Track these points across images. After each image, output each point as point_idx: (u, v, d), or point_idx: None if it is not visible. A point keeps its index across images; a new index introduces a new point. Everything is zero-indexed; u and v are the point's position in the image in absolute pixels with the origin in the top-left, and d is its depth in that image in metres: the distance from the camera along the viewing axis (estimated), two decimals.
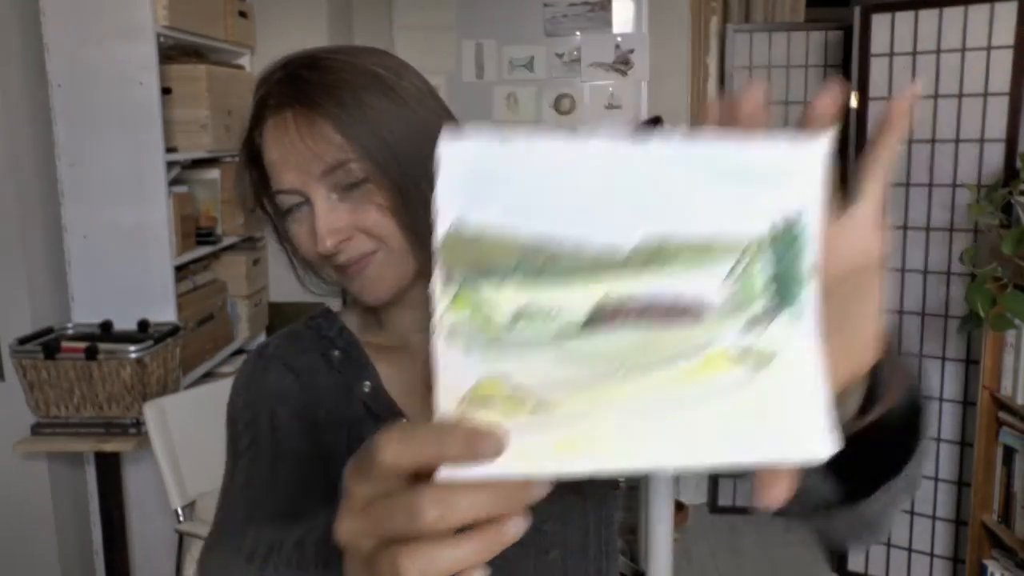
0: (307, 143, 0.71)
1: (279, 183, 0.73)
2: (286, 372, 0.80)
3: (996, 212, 2.25)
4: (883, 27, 2.58)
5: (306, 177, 0.71)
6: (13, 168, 2.12)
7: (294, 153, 0.71)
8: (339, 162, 0.71)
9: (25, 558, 2.27)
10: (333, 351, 0.81)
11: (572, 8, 3.21)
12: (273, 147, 0.73)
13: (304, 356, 0.81)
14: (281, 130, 0.72)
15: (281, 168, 0.72)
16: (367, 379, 0.79)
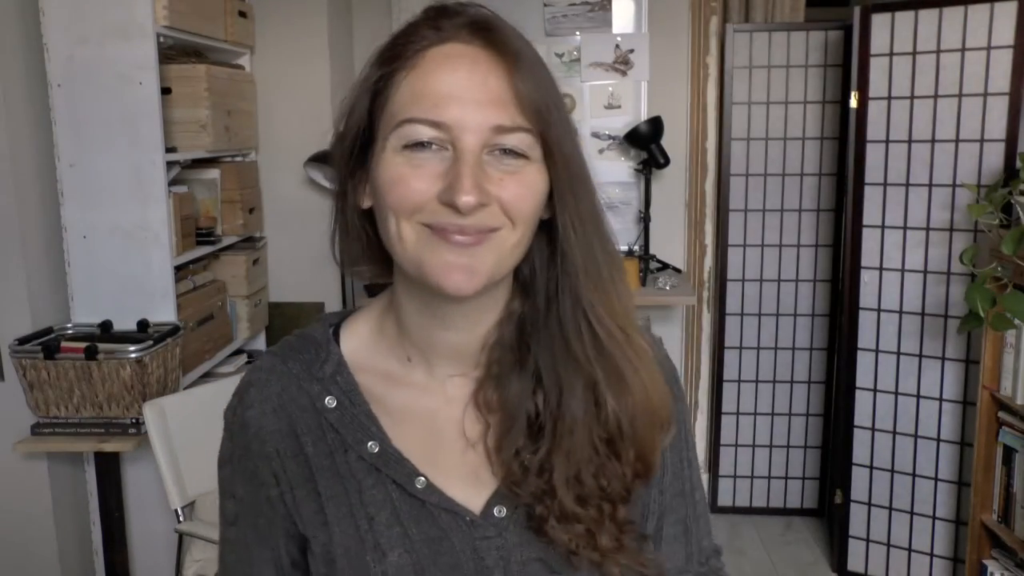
0: (494, 90, 0.64)
1: (430, 111, 0.63)
2: (273, 416, 0.73)
3: (996, 212, 2.25)
4: (883, 27, 2.58)
5: (472, 121, 0.63)
6: (13, 168, 2.12)
7: (472, 91, 0.63)
8: (517, 126, 0.64)
9: (25, 558, 2.27)
10: (326, 398, 0.72)
11: (572, 8, 3.21)
12: (443, 72, 0.64)
13: (292, 402, 0.73)
14: (467, 61, 0.64)
15: (444, 98, 0.63)
16: (370, 440, 0.71)
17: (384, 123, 0.66)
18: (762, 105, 3.09)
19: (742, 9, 3.16)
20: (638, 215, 3.22)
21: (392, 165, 0.65)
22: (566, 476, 0.68)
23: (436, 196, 0.63)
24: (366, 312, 0.77)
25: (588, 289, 0.69)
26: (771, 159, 3.11)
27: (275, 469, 0.72)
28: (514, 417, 0.70)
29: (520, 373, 0.71)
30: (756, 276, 3.18)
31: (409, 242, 0.65)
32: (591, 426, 0.69)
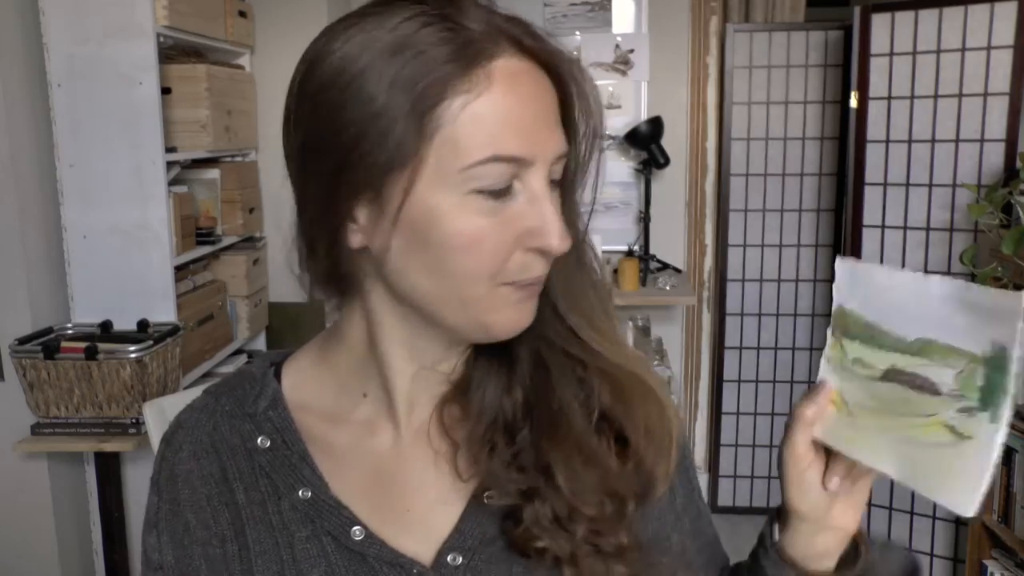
0: (554, 112, 0.57)
1: (515, 146, 0.54)
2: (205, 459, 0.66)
3: (996, 212, 2.25)
4: (883, 27, 2.58)
5: (549, 152, 0.56)
6: (13, 168, 2.12)
7: (541, 118, 0.56)
8: (565, 154, 0.58)
9: (25, 558, 2.27)
10: (258, 438, 0.65)
11: (572, 8, 3.21)
12: (514, 99, 0.54)
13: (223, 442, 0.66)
14: (527, 80, 0.55)
15: (522, 130, 0.54)
16: (301, 485, 0.63)
17: (440, 157, 0.54)
18: (762, 105, 3.09)
19: (742, 9, 3.16)
20: (638, 215, 3.22)
21: (463, 215, 0.54)
22: (565, 461, 0.60)
23: (517, 243, 0.56)
24: (311, 347, 0.70)
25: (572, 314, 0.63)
26: (771, 159, 3.11)
27: (206, 520, 0.64)
28: (484, 416, 0.63)
29: (496, 368, 0.64)
30: (756, 276, 3.18)
31: (480, 305, 0.57)
32: (584, 415, 0.62)
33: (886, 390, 0.57)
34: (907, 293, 0.57)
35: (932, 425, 0.54)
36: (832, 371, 0.62)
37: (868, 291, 0.59)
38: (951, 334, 0.54)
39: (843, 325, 0.61)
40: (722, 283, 3.19)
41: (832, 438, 0.61)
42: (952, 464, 0.53)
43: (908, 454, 0.55)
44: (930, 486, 0.54)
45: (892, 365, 0.57)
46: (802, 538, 0.64)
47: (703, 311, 3.33)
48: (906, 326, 0.57)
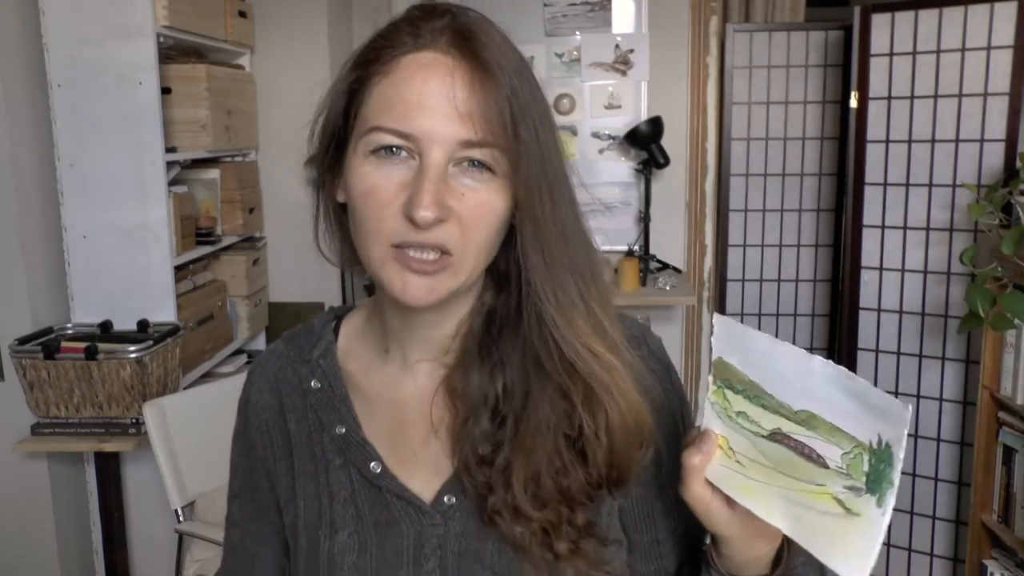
0: (463, 103, 0.63)
1: (398, 121, 0.63)
2: (269, 393, 0.80)
3: (996, 212, 2.25)
4: (883, 27, 2.58)
5: (439, 134, 0.63)
6: (13, 168, 2.12)
7: (442, 102, 0.63)
8: (485, 142, 0.63)
9: (25, 558, 2.27)
10: (311, 380, 0.78)
11: (572, 8, 3.21)
12: (415, 82, 0.63)
13: (284, 382, 0.79)
14: (439, 70, 0.63)
15: (413, 107, 0.63)
16: (339, 423, 0.75)
17: (357, 126, 0.66)
18: (762, 105, 3.09)
19: (742, 9, 3.16)
20: (638, 215, 3.22)
21: (363, 172, 0.65)
22: (524, 474, 0.67)
23: (400, 209, 0.64)
24: (363, 306, 0.82)
25: (551, 309, 0.67)
26: (771, 159, 3.11)
27: (265, 442, 0.78)
28: (473, 407, 0.71)
29: (481, 365, 0.71)
30: (756, 276, 3.18)
31: (375, 260, 0.66)
32: (558, 429, 0.68)
33: (773, 450, 0.60)
34: (790, 364, 0.59)
35: (822, 495, 0.57)
36: (717, 417, 0.63)
37: (748, 352, 0.61)
38: (836, 416, 0.57)
39: (725, 376, 0.63)
40: (722, 283, 3.19)
41: (723, 483, 0.63)
42: (843, 534, 0.56)
43: (799, 515, 0.58)
44: (822, 550, 0.57)
45: (778, 428, 0.60)
46: (735, 549, 0.67)
47: (703, 311, 3.33)
48: (790, 395, 0.59)
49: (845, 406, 0.57)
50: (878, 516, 0.55)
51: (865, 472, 0.56)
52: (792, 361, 0.59)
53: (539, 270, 0.67)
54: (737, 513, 0.64)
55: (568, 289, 0.68)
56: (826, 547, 0.57)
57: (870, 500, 0.55)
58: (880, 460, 0.55)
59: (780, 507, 0.59)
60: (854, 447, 0.56)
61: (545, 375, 0.68)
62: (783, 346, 0.60)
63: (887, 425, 0.55)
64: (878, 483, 0.55)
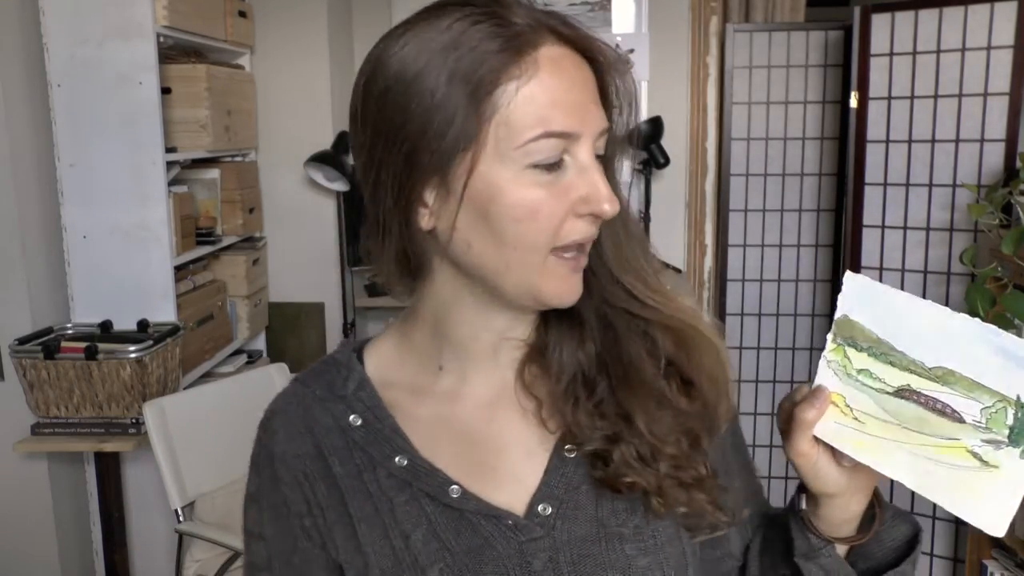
0: (595, 92, 0.63)
1: (563, 123, 0.60)
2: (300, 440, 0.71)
3: (996, 212, 2.25)
4: (883, 27, 2.58)
5: (592, 126, 0.62)
6: (13, 168, 2.12)
7: (586, 96, 0.62)
8: (607, 129, 0.64)
9: (25, 558, 2.27)
10: (350, 416, 0.70)
11: (572, 8, 3.21)
12: (562, 78, 0.61)
13: (316, 423, 0.71)
14: (570, 64, 0.62)
15: (569, 107, 0.61)
16: (398, 454, 0.69)
17: (498, 138, 0.60)
18: (762, 105, 3.09)
19: (742, 9, 3.16)
20: (638, 215, 3.22)
21: (520, 188, 0.60)
22: (644, 410, 0.66)
23: (570, 211, 0.62)
24: (389, 331, 0.76)
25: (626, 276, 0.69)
26: (771, 159, 3.11)
27: (306, 495, 0.69)
28: (565, 367, 0.69)
29: (568, 331, 0.70)
30: (756, 276, 3.18)
31: (536, 273, 0.63)
32: (653, 364, 0.68)
33: (899, 406, 0.60)
34: (927, 322, 0.59)
35: (955, 448, 0.58)
36: (833, 375, 0.64)
37: (881, 310, 0.61)
38: (977, 371, 0.57)
39: (848, 335, 0.63)
40: (722, 283, 3.19)
41: (837, 439, 0.63)
42: (979, 486, 0.57)
43: (926, 469, 0.59)
44: (956, 502, 0.58)
45: (907, 384, 0.60)
46: (835, 509, 0.68)
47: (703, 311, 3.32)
48: (924, 352, 0.59)
49: (989, 361, 0.57)
50: (1022, 467, 0.56)
51: (1009, 425, 0.56)
52: (931, 319, 0.59)
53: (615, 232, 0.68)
54: (843, 470, 0.65)
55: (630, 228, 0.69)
56: (959, 499, 0.58)
57: (1012, 452, 0.56)
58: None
59: (903, 461, 0.60)
60: (996, 401, 0.57)
61: (625, 319, 0.68)
62: (922, 303, 0.60)
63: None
64: (1023, 435, 0.56)
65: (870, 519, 0.69)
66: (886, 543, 0.70)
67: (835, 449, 0.64)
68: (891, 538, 0.71)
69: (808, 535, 0.69)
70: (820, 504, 0.68)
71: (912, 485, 0.60)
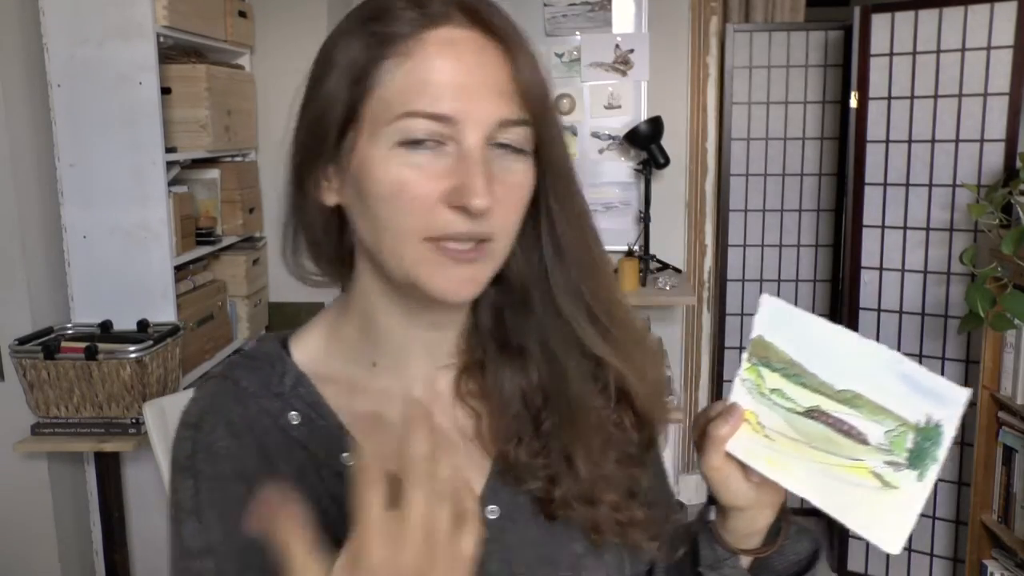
0: (498, 80, 0.60)
1: (435, 104, 0.58)
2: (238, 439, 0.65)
3: (996, 212, 2.25)
4: (883, 27, 2.58)
5: (480, 114, 0.59)
6: (13, 168, 2.12)
7: (479, 80, 0.59)
8: (520, 119, 0.61)
9: (25, 558, 2.27)
10: (289, 414, 0.66)
11: (572, 8, 3.21)
12: (447, 60, 0.59)
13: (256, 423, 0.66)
14: (470, 46, 0.60)
15: (450, 89, 0.58)
16: (344, 452, 0.65)
17: (372, 113, 0.60)
18: (762, 105, 3.09)
19: (742, 9, 3.16)
20: (638, 215, 3.22)
21: (389, 165, 0.59)
22: (586, 453, 0.66)
23: (441, 199, 0.59)
24: (316, 324, 0.73)
25: (588, 282, 0.67)
26: (771, 159, 3.11)
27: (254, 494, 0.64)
28: (508, 404, 0.68)
29: (509, 358, 0.69)
30: (756, 276, 3.18)
31: (408, 260, 0.61)
32: (598, 404, 0.68)
33: (808, 426, 0.63)
34: (839, 346, 0.63)
35: (858, 468, 0.61)
36: (747, 393, 0.66)
37: (795, 333, 0.64)
38: (883, 396, 0.61)
39: (763, 355, 0.65)
40: (722, 283, 3.19)
41: (749, 457, 0.65)
42: (879, 505, 0.61)
43: (830, 486, 0.62)
44: (856, 519, 0.61)
45: (816, 405, 0.63)
46: (742, 522, 0.69)
47: (703, 311, 3.33)
48: (834, 375, 0.62)
49: (894, 387, 0.60)
50: (919, 489, 0.60)
51: (908, 449, 0.60)
52: (842, 344, 0.62)
53: (575, 243, 0.67)
54: (752, 485, 0.66)
55: (597, 262, 0.69)
56: (860, 517, 0.61)
57: (910, 475, 0.60)
58: (927, 438, 0.60)
59: (809, 479, 0.63)
60: (899, 425, 0.60)
61: (574, 350, 0.67)
62: (834, 328, 0.63)
63: (940, 406, 0.59)
64: (921, 459, 0.60)
65: (775, 533, 0.71)
66: (789, 557, 0.72)
67: (745, 464, 0.66)
68: (794, 552, 0.72)
69: (715, 546, 0.71)
70: (728, 516, 0.70)
71: (816, 502, 0.62)
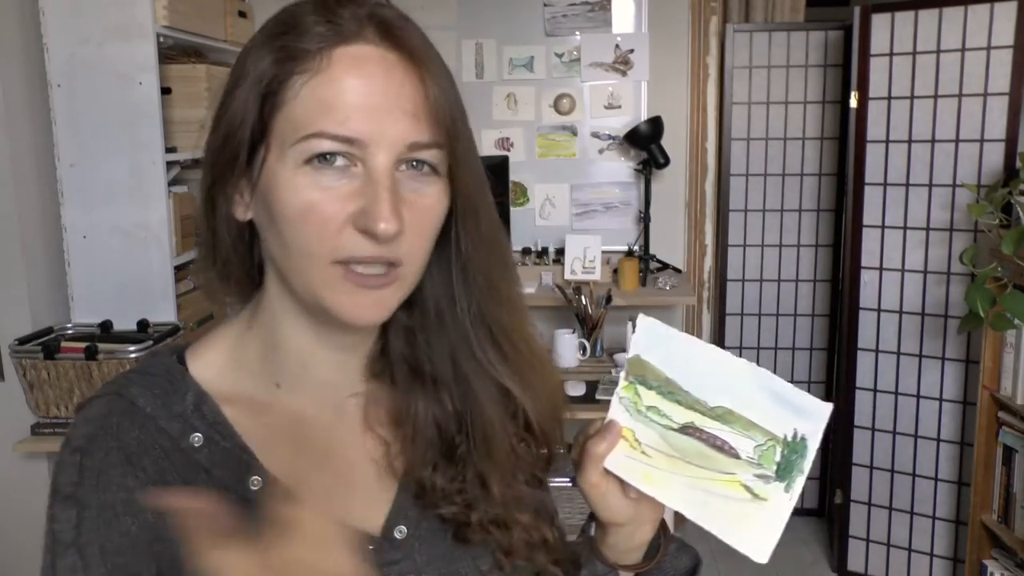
0: (408, 101, 0.58)
1: (341, 125, 0.56)
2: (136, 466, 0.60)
3: (996, 212, 2.25)
4: (883, 27, 2.58)
5: (388, 136, 0.57)
6: (13, 168, 2.12)
7: (388, 101, 0.57)
8: (432, 142, 0.59)
9: (25, 558, 2.27)
10: (191, 436, 0.62)
11: (572, 8, 3.21)
12: (354, 79, 0.57)
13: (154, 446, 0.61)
14: (380, 67, 0.58)
15: (357, 108, 0.57)
16: (251, 475, 0.62)
17: (281, 131, 0.58)
18: (762, 105, 3.09)
19: (742, 9, 3.16)
20: (638, 215, 3.22)
21: (295, 186, 0.57)
22: (500, 478, 0.67)
23: (348, 221, 0.57)
24: (215, 339, 0.68)
25: (492, 307, 0.67)
26: (771, 159, 3.11)
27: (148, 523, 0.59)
28: (421, 429, 0.67)
29: (421, 385, 0.68)
30: (756, 276, 3.18)
31: (316, 282, 0.59)
32: (507, 426, 0.68)
33: (683, 442, 0.65)
34: (711, 365, 0.65)
35: (730, 482, 0.64)
36: (624, 411, 0.67)
37: (671, 352, 0.66)
38: (752, 411, 0.63)
39: (640, 373, 0.66)
40: (722, 283, 3.19)
41: (625, 471, 0.66)
42: (749, 517, 0.63)
43: (703, 500, 0.64)
44: (726, 531, 0.63)
45: (691, 422, 0.65)
46: (621, 537, 0.70)
47: (703, 311, 3.33)
48: (707, 392, 0.64)
49: (763, 403, 0.63)
50: (785, 500, 0.62)
51: (776, 462, 0.62)
52: (714, 362, 0.65)
53: (481, 268, 0.66)
54: (630, 501, 0.67)
55: (501, 287, 0.67)
56: (730, 528, 0.63)
57: (778, 487, 0.62)
58: (793, 451, 0.62)
59: (683, 493, 0.65)
60: (768, 440, 0.63)
61: (483, 375, 0.67)
62: (706, 348, 0.65)
63: (805, 421, 0.62)
64: (788, 471, 0.62)
65: (656, 549, 0.72)
66: (668, 572, 0.73)
67: (624, 481, 0.67)
68: (673, 568, 0.73)
69: (595, 561, 0.71)
70: (608, 532, 0.70)
71: (690, 515, 0.64)
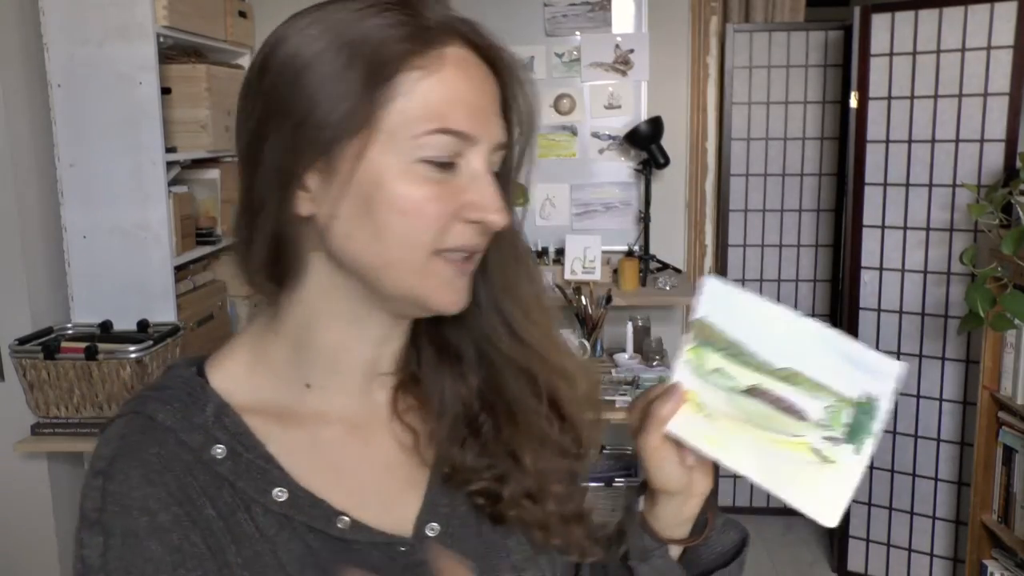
0: (496, 105, 0.62)
1: (464, 123, 0.59)
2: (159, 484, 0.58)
3: (996, 212, 2.25)
4: (883, 27, 2.58)
5: (491, 134, 0.61)
6: (13, 168, 2.12)
7: (491, 102, 0.61)
8: (507, 144, 0.63)
9: (25, 558, 2.27)
10: (213, 448, 0.61)
11: (572, 8, 3.21)
12: (468, 80, 0.59)
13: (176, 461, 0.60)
14: (481, 69, 0.61)
15: (473, 107, 0.59)
16: (275, 487, 0.61)
17: (391, 123, 0.57)
18: (762, 105, 3.09)
19: (742, 9, 3.16)
20: (638, 215, 3.22)
21: (409, 179, 0.58)
22: (531, 449, 0.68)
23: (455, 214, 0.59)
24: (234, 349, 0.67)
25: (507, 304, 0.68)
26: (771, 159, 3.11)
27: (174, 544, 0.58)
28: (448, 408, 0.69)
29: (447, 365, 0.69)
30: (756, 276, 3.18)
31: (414, 270, 0.60)
32: (534, 404, 0.69)
33: (748, 403, 0.64)
34: (777, 325, 0.64)
35: (797, 445, 0.63)
36: (689, 373, 0.66)
37: (736, 313, 0.65)
38: (821, 373, 0.63)
39: (704, 336, 0.66)
40: None
41: (690, 435, 0.65)
42: (817, 480, 0.62)
43: (769, 463, 0.63)
44: (795, 494, 0.62)
45: (757, 383, 0.64)
46: (671, 508, 0.70)
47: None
48: (774, 353, 0.64)
49: (832, 364, 0.62)
50: (855, 462, 0.61)
51: (846, 423, 0.61)
52: (782, 322, 0.64)
53: (499, 266, 0.67)
54: (685, 469, 0.67)
55: (521, 285, 0.69)
56: (797, 492, 0.62)
57: (847, 448, 0.61)
58: (863, 413, 0.61)
59: (749, 456, 0.63)
60: (837, 401, 0.62)
61: (504, 357, 0.68)
62: (773, 307, 0.65)
63: (876, 381, 0.62)
64: (858, 433, 0.61)
65: (702, 526, 0.72)
66: (716, 548, 0.73)
67: (681, 448, 0.66)
68: (720, 543, 0.73)
69: (644, 536, 0.71)
70: (658, 502, 0.70)
71: (756, 478, 0.63)
